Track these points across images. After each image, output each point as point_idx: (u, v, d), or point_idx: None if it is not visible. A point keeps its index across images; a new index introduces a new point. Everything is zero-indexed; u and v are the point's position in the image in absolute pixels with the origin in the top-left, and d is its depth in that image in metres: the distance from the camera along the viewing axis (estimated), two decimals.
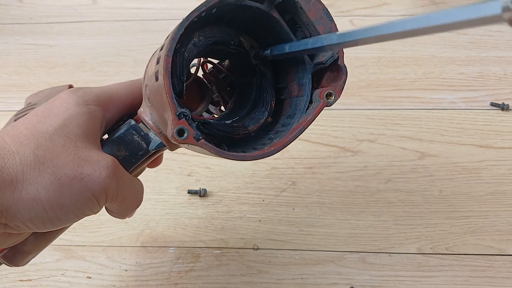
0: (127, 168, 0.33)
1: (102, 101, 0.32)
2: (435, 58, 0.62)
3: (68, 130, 0.29)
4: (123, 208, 0.32)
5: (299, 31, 0.31)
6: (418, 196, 0.50)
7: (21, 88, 0.64)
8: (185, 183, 0.52)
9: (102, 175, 0.28)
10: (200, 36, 0.31)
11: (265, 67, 0.34)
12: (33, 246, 0.33)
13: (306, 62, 0.31)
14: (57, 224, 0.28)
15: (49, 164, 0.27)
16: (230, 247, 0.48)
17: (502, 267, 0.45)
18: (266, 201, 0.51)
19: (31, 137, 0.28)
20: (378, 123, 0.56)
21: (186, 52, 0.31)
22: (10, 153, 0.27)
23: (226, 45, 0.33)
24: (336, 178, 0.52)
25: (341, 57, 0.30)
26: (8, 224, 0.27)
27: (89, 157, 0.28)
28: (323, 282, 0.45)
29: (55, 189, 0.27)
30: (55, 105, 0.30)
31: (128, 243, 0.49)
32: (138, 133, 0.33)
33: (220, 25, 0.32)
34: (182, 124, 0.27)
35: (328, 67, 0.31)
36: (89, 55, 0.67)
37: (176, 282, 0.46)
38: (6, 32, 0.72)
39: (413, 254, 0.47)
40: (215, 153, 0.28)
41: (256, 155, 0.29)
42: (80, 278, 0.46)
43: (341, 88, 0.30)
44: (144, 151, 0.33)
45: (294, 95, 0.33)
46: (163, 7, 0.73)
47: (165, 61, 0.27)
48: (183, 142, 0.27)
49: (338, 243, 0.48)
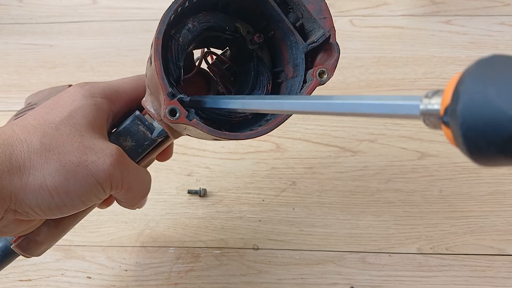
0: (134, 158, 0.33)
1: (109, 94, 0.33)
2: (435, 58, 0.62)
3: (74, 120, 0.30)
4: (130, 197, 0.33)
5: (291, 12, 0.32)
6: (418, 196, 0.50)
7: (21, 88, 0.64)
8: (185, 183, 0.52)
9: (106, 162, 0.29)
10: (194, 21, 0.32)
11: (262, 51, 0.35)
12: (45, 236, 0.34)
13: (299, 42, 0.32)
14: (64, 210, 0.29)
15: (54, 152, 0.28)
16: (230, 247, 0.48)
17: (502, 267, 0.45)
18: (266, 201, 0.51)
19: (38, 127, 0.29)
20: (378, 123, 0.56)
21: (181, 38, 0.31)
22: (18, 141, 0.28)
23: (221, 31, 0.33)
24: (336, 178, 0.52)
25: (333, 35, 0.30)
26: (17, 210, 0.28)
27: (93, 146, 0.29)
28: (323, 282, 0.45)
29: (61, 176, 0.28)
30: (63, 98, 0.31)
31: (128, 243, 0.49)
32: (143, 123, 0.33)
33: (215, 12, 0.33)
34: (174, 104, 0.28)
35: (320, 46, 0.31)
36: (89, 55, 0.67)
37: (176, 282, 0.46)
38: (6, 32, 0.72)
39: (413, 254, 0.46)
40: (208, 132, 0.28)
41: (249, 134, 0.30)
42: (80, 278, 0.46)
43: (334, 66, 0.30)
44: (149, 141, 0.34)
45: (290, 77, 0.33)
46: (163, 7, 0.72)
47: (156, 43, 0.28)
48: (176, 122, 0.28)
49: (338, 243, 0.48)
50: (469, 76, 0.14)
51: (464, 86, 0.14)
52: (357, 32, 0.65)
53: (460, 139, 0.14)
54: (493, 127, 0.13)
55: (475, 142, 0.14)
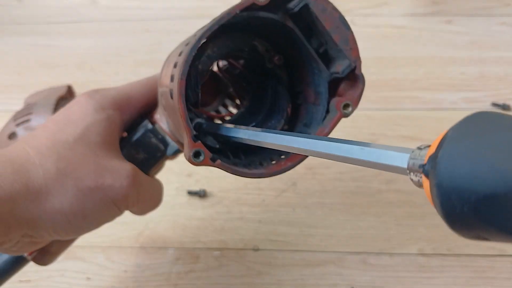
0: (146, 169, 0.33)
1: (119, 104, 0.32)
2: (436, 58, 0.62)
3: (88, 139, 0.29)
4: (143, 209, 0.33)
5: (314, 38, 0.30)
6: (419, 196, 0.50)
7: (21, 88, 0.64)
8: (184, 183, 0.52)
9: (123, 184, 0.29)
10: (213, 47, 0.31)
11: (281, 70, 0.33)
12: (58, 247, 0.35)
13: (322, 70, 0.31)
14: (79, 233, 0.30)
15: (71, 176, 0.28)
16: (230, 248, 0.48)
17: (503, 267, 0.45)
18: (266, 202, 0.51)
19: (52, 148, 0.28)
20: (378, 123, 0.56)
21: (200, 65, 0.30)
22: (34, 166, 0.27)
23: (240, 51, 0.32)
24: (336, 179, 0.52)
25: (359, 66, 0.29)
26: (33, 235, 0.28)
27: (109, 166, 0.29)
28: (324, 283, 0.45)
29: (78, 201, 0.28)
30: (73, 112, 0.31)
31: (127, 244, 0.48)
32: (155, 136, 0.33)
33: (234, 32, 0.31)
34: (198, 146, 0.27)
35: (345, 76, 0.30)
36: (89, 55, 0.67)
37: (175, 283, 0.46)
38: (6, 32, 0.72)
39: (414, 255, 0.46)
40: (232, 172, 0.28)
41: (274, 171, 0.29)
42: (79, 279, 0.46)
43: (358, 99, 0.29)
44: (161, 153, 0.33)
45: (310, 101, 0.32)
46: (163, 7, 0.73)
47: (179, 85, 0.27)
48: (200, 164, 0.27)
49: (338, 244, 0.47)
50: (453, 129, 0.14)
51: (447, 138, 0.14)
52: (358, 32, 0.64)
53: (434, 190, 0.14)
54: (467, 181, 0.13)
55: (448, 196, 0.13)
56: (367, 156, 0.18)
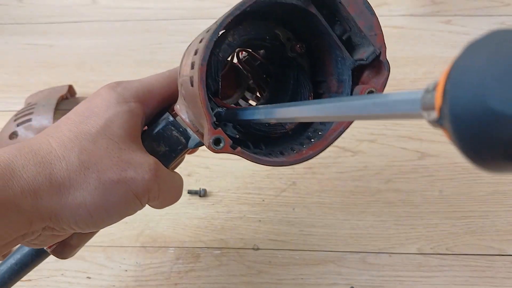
0: (167, 163, 0.33)
1: (142, 96, 0.32)
2: (435, 58, 0.62)
3: (110, 131, 0.29)
4: (164, 202, 0.33)
5: (338, 24, 0.30)
6: (418, 196, 0.50)
7: (21, 88, 0.64)
8: (185, 183, 0.52)
9: (145, 178, 0.29)
10: (234, 35, 0.30)
11: (302, 59, 0.33)
12: (78, 240, 0.34)
13: (345, 57, 0.30)
14: (100, 226, 0.29)
15: (93, 169, 0.27)
16: (230, 247, 0.48)
17: (502, 267, 0.45)
18: (266, 201, 0.51)
19: (75, 140, 0.28)
20: (378, 123, 0.56)
21: (221, 53, 0.30)
22: (56, 158, 0.27)
23: (261, 40, 0.32)
24: (336, 178, 0.52)
25: (383, 52, 0.29)
26: (55, 228, 0.28)
27: (132, 160, 0.29)
28: (323, 282, 0.45)
29: (100, 194, 0.27)
30: (96, 104, 0.30)
31: (128, 243, 0.49)
32: (176, 129, 0.33)
33: (255, 20, 0.31)
34: (218, 133, 0.27)
35: (369, 63, 0.29)
36: (89, 55, 0.67)
37: (176, 282, 0.46)
38: (6, 32, 0.72)
39: (413, 254, 0.46)
40: (252, 160, 0.28)
41: (294, 160, 0.29)
42: (80, 278, 0.46)
43: (383, 86, 0.29)
44: (183, 146, 0.33)
45: (333, 90, 0.32)
46: (163, 7, 0.73)
47: (200, 71, 0.26)
48: (220, 151, 0.27)
49: (338, 243, 0.48)
50: (456, 68, 0.12)
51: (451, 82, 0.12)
52: None
53: (457, 144, 0.13)
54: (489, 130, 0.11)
55: (472, 148, 0.12)
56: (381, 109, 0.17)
